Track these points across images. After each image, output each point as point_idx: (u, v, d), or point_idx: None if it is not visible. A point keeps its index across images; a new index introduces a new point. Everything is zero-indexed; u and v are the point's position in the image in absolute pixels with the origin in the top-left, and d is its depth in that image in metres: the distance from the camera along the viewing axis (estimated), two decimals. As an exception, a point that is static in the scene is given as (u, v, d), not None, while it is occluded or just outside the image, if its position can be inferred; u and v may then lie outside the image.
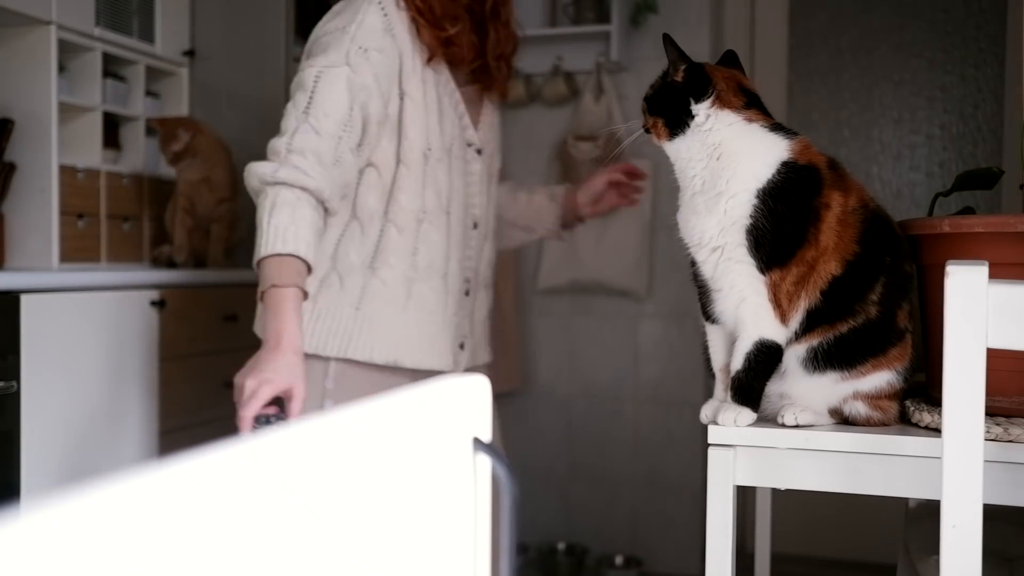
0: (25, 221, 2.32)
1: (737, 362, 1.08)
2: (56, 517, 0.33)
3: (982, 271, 0.82)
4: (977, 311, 0.82)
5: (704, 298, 1.13)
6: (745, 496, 2.78)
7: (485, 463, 0.62)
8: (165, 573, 0.38)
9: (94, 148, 2.48)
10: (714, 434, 1.06)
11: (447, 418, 0.60)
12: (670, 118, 1.13)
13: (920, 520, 1.43)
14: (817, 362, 1.07)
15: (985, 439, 0.83)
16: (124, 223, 2.58)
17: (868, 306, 1.06)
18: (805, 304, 1.06)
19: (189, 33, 2.81)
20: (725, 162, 1.08)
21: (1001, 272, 0.85)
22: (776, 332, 1.07)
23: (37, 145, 2.30)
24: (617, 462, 3.12)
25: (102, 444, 2.08)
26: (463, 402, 0.61)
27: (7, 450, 1.85)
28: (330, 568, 0.48)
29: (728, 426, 1.06)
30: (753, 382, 1.07)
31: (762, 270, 1.06)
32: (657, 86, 1.17)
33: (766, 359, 1.07)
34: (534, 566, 3.03)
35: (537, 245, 3.02)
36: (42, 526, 0.33)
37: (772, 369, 1.08)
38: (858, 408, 1.08)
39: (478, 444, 0.61)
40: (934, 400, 1.12)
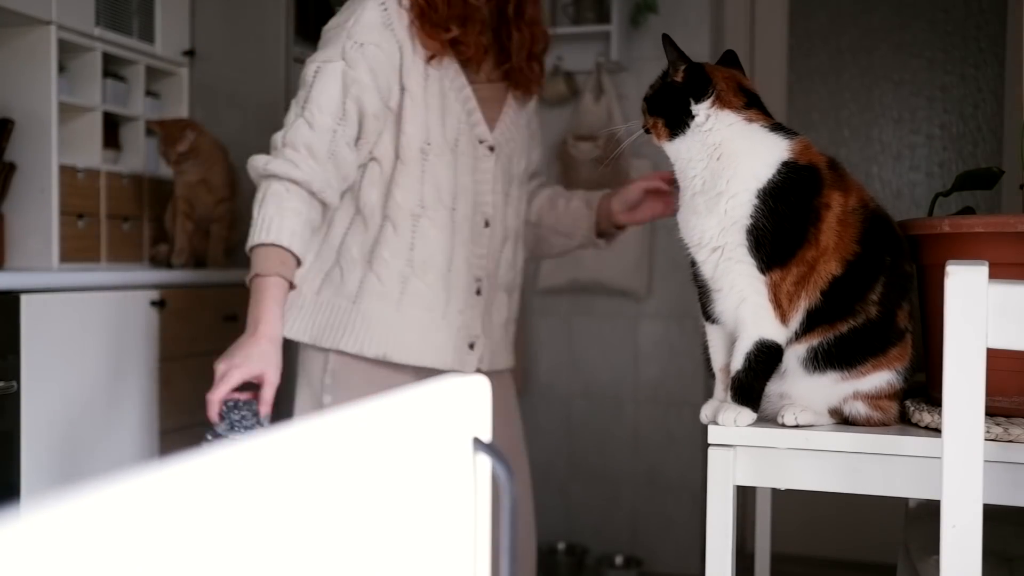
0: (25, 221, 2.32)
1: (737, 362, 1.08)
2: (56, 517, 0.33)
3: (982, 271, 0.82)
4: (977, 311, 0.82)
5: (704, 298, 1.13)
6: (745, 496, 2.78)
7: (485, 463, 0.62)
8: (165, 573, 0.38)
9: (94, 148, 2.48)
10: (714, 434, 1.06)
11: (447, 418, 0.60)
12: (670, 118, 1.13)
13: (920, 520, 1.43)
14: (817, 362, 1.07)
15: (985, 439, 0.83)
16: (124, 223, 2.58)
17: (868, 306, 1.06)
18: (805, 304, 1.06)
19: (189, 33, 2.81)
20: (725, 162, 1.08)
21: (1001, 272, 0.85)
22: (776, 332, 1.07)
23: (37, 145, 2.31)
24: (617, 462, 3.12)
25: (102, 444, 2.08)
26: (463, 402, 0.61)
27: (7, 450, 1.86)
28: (330, 568, 0.48)
29: (728, 426, 1.06)
30: (753, 382, 1.07)
31: (762, 270, 1.06)
32: (657, 86, 1.17)
33: (766, 359, 1.07)
34: (534, 566, 3.03)
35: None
36: (42, 526, 0.33)
37: (772, 369, 1.08)
38: (858, 408, 1.08)
39: (478, 444, 0.61)
40: (934, 400, 1.12)
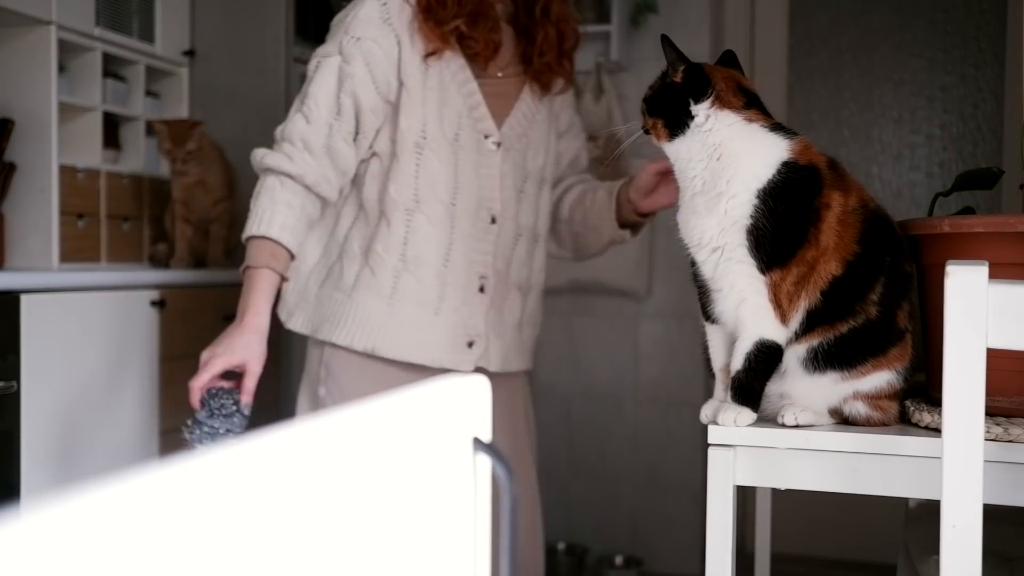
0: (25, 221, 2.32)
1: (737, 362, 1.08)
2: (56, 517, 0.33)
3: (982, 271, 0.82)
4: (977, 311, 0.82)
5: (704, 298, 1.13)
6: (745, 496, 2.77)
7: (485, 463, 0.62)
8: (165, 573, 0.38)
9: (94, 148, 2.48)
10: (714, 434, 1.06)
11: (447, 418, 0.60)
12: (670, 119, 1.13)
13: (920, 520, 1.43)
14: (817, 362, 1.07)
15: (985, 439, 0.83)
16: (124, 223, 2.58)
17: (868, 306, 1.06)
18: (805, 304, 1.06)
19: (189, 33, 2.81)
20: (725, 162, 1.08)
21: (1001, 272, 0.85)
22: (776, 332, 1.07)
23: (37, 145, 2.31)
24: (617, 462, 3.11)
25: (102, 444, 2.08)
26: (463, 402, 0.61)
27: (7, 450, 1.85)
28: (330, 568, 0.48)
29: (728, 426, 1.06)
30: (753, 382, 1.07)
31: (762, 270, 1.06)
32: (656, 87, 1.17)
33: (766, 359, 1.07)
34: (534, 566, 3.02)
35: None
36: (42, 526, 0.33)
37: (772, 369, 1.08)
38: (858, 408, 1.08)
39: (478, 444, 0.61)
40: (934, 400, 1.12)
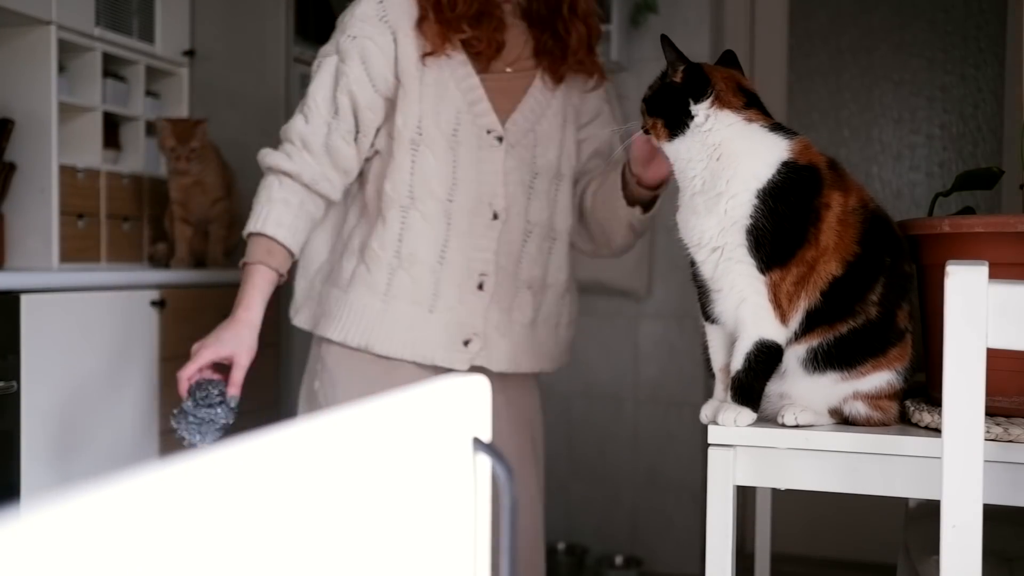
0: (25, 221, 2.32)
1: (737, 362, 1.08)
2: (56, 517, 0.33)
3: (982, 271, 0.82)
4: (977, 311, 0.82)
5: (704, 298, 1.13)
6: (745, 496, 2.77)
7: (485, 463, 0.62)
8: (165, 573, 0.38)
9: (94, 148, 2.48)
10: (714, 434, 1.06)
11: (447, 418, 0.60)
12: (669, 119, 1.13)
13: (920, 520, 1.43)
14: (817, 362, 1.07)
15: (985, 439, 0.83)
16: (124, 223, 2.58)
17: (868, 306, 1.06)
18: (805, 304, 1.06)
19: (189, 33, 2.81)
20: (725, 162, 1.08)
21: (1001, 272, 0.85)
22: (776, 332, 1.07)
23: (37, 145, 2.31)
24: (617, 462, 3.11)
25: (102, 444, 2.08)
26: (463, 402, 0.61)
27: (7, 450, 1.86)
28: (330, 568, 0.48)
29: (728, 426, 1.06)
30: (753, 382, 1.07)
31: (762, 270, 1.06)
32: (656, 87, 1.17)
33: (766, 359, 1.07)
34: (534, 566, 3.02)
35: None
36: (42, 526, 0.33)
37: (772, 369, 1.08)
38: (858, 408, 1.08)
39: (478, 444, 0.61)
40: (934, 400, 1.12)
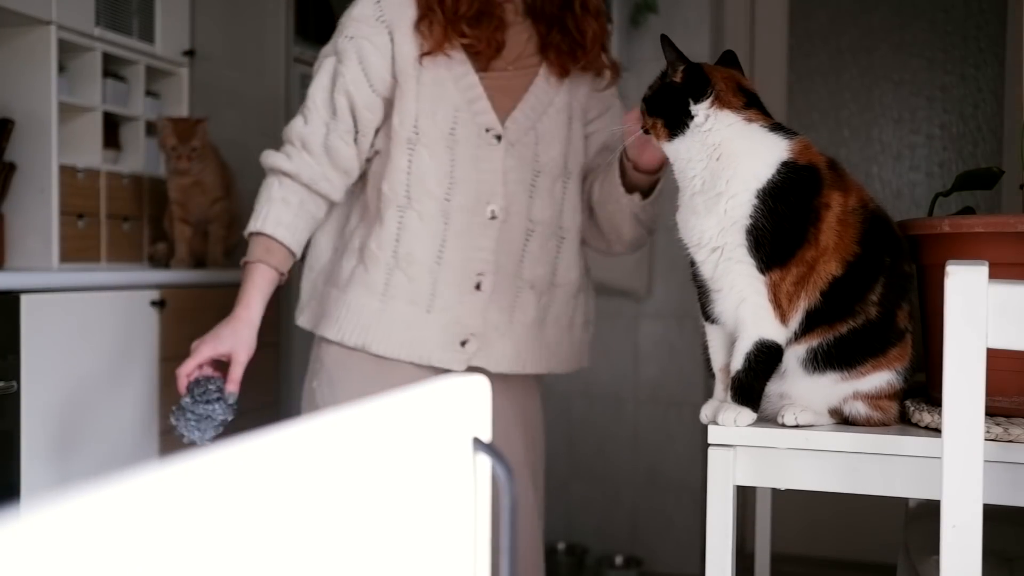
0: (25, 221, 2.32)
1: (737, 362, 1.08)
2: (56, 517, 0.33)
3: (982, 271, 0.82)
4: (977, 311, 0.82)
5: (704, 298, 1.13)
6: (745, 496, 2.77)
7: (485, 463, 0.62)
8: (165, 573, 0.38)
9: (94, 148, 2.48)
10: (714, 434, 1.06)
11: (447, 418, 0.60)
12: (669, 119, 1.12)
13: (920, 520, 1.43)
14: (817, 362, 1.07)
15: (985, 439, 0.83)
16: (124, 223, 2.58)
17: (868, 306, 1.06)
18: (805, 304, 1.06)
19: (189, 33, 2.81)
20: (725, 162, 1.08)
21: (1001, 272, 0.85)
22: (776, 332, 1.07)
23: (37, 145, 2.30)
24: (617, 462, 3.11)
25: (102, 444, 2.08)
26: (463, 402, 0.61)
27: (7, 450, 1.85)
28: (330, 568, 0.48)
29: (728, 426, 1.06)
30: (753, 382, 1.07)
31: (762, 270, 1.06)
32: (656, 87, 1.17)
33: (766, 359, 1.07)
34: (534, 566, 3.02)
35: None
36: (42, 526, 0.33)
37: (772, 369, 1.08)
38: (858, 408, 1.08)
39: (478, 444, 0.61)
40: (934, 400, 1.12)
